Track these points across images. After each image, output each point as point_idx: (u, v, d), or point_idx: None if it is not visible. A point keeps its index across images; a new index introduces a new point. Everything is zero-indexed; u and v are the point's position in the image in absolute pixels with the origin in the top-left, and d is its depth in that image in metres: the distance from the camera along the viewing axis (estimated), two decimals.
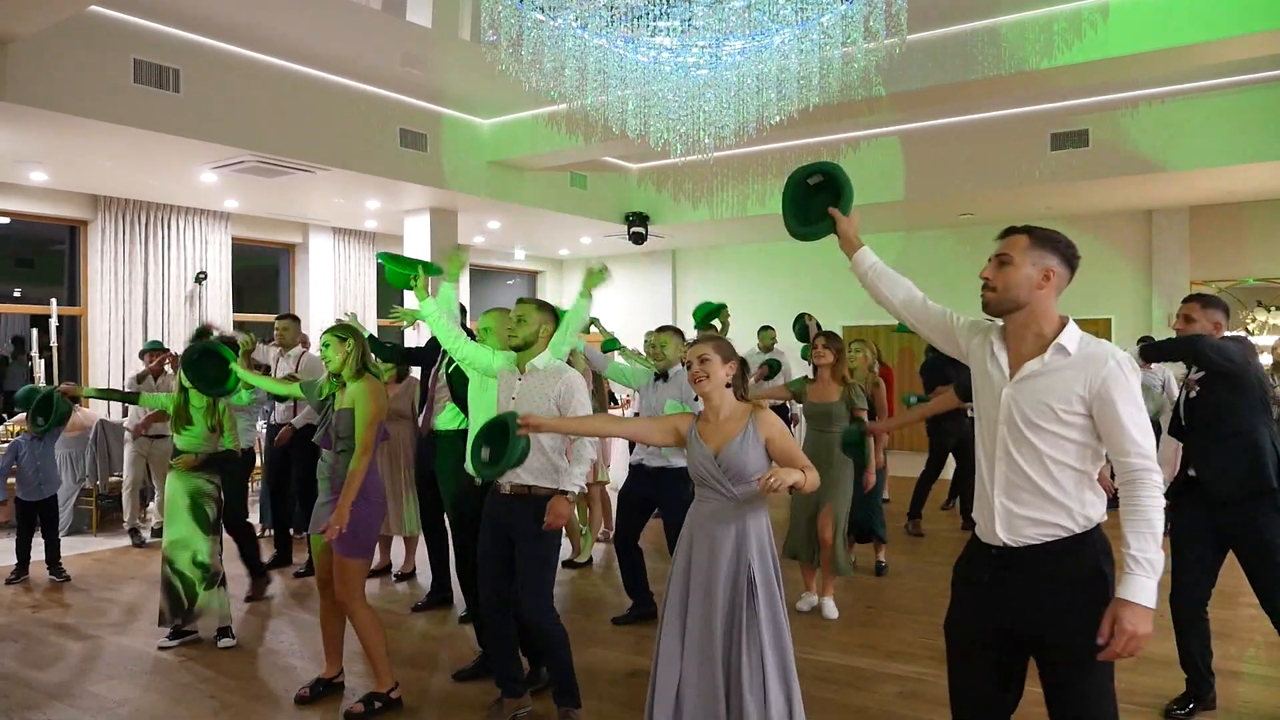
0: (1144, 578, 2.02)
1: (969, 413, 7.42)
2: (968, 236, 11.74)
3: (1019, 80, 7.08)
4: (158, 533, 7.21)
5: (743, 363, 3.14)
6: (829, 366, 5.27)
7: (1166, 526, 2.32)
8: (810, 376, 5.48)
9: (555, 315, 3.75)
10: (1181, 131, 8.76)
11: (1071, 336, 2.19)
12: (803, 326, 7.82)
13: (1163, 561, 2.05)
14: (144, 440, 7.21)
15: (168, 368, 7.32)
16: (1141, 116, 8.91)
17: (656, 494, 4.94)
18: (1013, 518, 2.20)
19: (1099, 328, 10.88)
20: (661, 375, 5.02)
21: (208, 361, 4.80)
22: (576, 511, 6.49)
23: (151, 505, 7.71)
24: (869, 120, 9.21)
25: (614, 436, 3.52)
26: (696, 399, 3.89)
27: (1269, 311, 10.29)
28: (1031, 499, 2.18)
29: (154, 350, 7.42)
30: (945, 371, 6.95)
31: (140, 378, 7.32)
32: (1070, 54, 6.65)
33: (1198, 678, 3.76)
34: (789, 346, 9.02)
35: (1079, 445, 2.17)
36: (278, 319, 6.64)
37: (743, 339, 9.40)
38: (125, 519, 7.43)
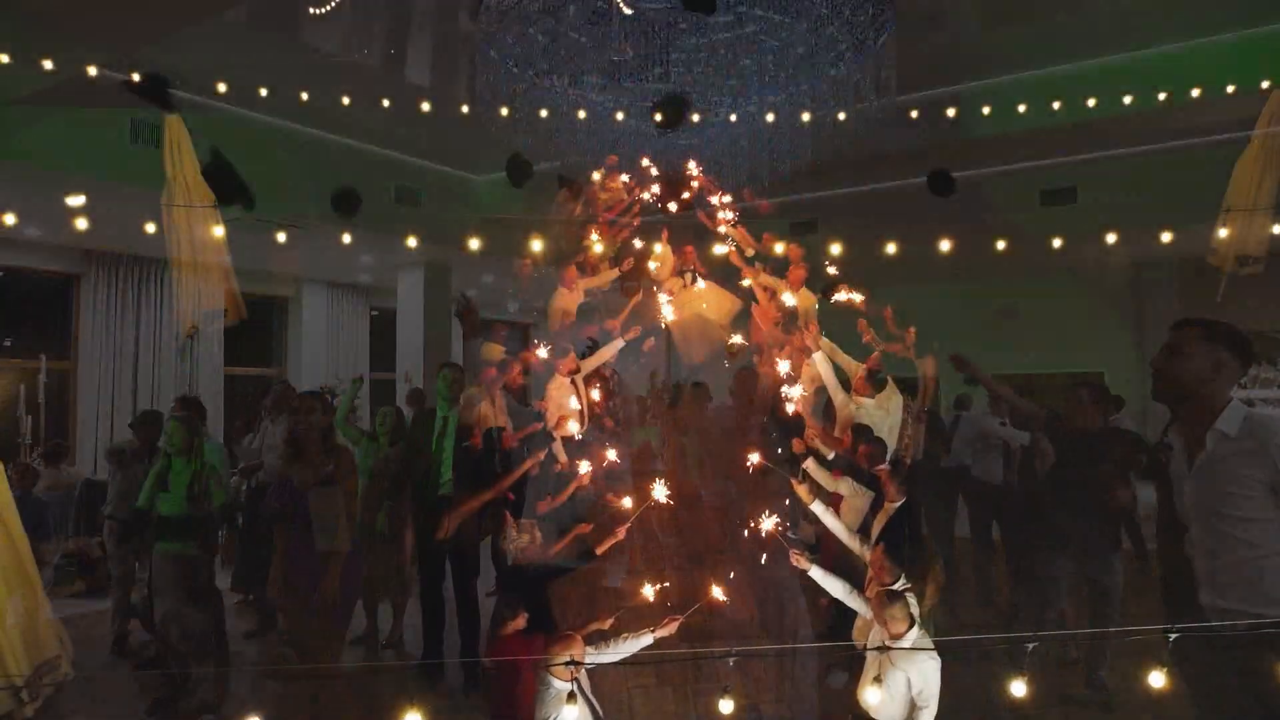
0: None
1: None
2: (957, 291, 11.73)
3: (1008, 141, 7.17)
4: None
5: None
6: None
7: None
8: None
9: None
10: (1170, 187, 8.82)
11: (1231, 419, 2.21)
12: None
13: None
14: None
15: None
16: (1132, 173, 8.98)
17: None
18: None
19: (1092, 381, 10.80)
20: None
21: None
22: None
23: None
24: (856, 177, 9.29)
25: None
26: None
27: (1259, 366, 10.29)
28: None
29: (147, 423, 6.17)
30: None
31: (117, 452, 6.24)
32: (1061, 114, 6.72)
33: None
34: None
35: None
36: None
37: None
38: (113, 628, 5.92)
